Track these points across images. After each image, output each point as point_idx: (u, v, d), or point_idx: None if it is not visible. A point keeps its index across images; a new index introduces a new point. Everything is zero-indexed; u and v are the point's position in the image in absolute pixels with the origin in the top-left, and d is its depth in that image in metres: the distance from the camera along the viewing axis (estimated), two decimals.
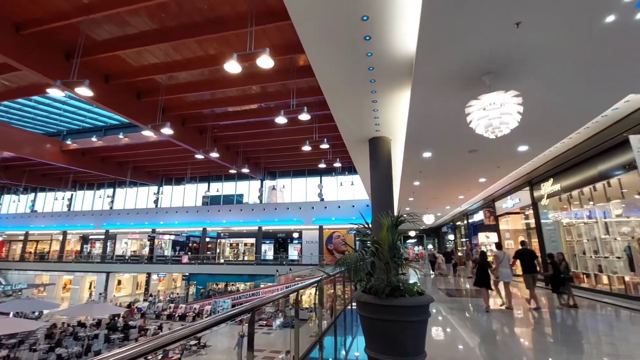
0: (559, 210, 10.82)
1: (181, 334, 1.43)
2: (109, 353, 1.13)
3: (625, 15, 3.92)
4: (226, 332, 13.59)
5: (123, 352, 1.17)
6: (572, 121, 7.05)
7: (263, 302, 2.38)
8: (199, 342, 14.42)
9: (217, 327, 1.73)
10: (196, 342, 14.32)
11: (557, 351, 4.66)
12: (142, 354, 1.19)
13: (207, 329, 1.54)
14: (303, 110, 11.45)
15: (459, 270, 16.21)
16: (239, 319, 2.03)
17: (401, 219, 4.10)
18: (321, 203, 29.23)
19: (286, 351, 4.55)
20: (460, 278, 14.91)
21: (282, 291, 3.03)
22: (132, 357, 1.16)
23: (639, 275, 7.43)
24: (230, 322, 2.40)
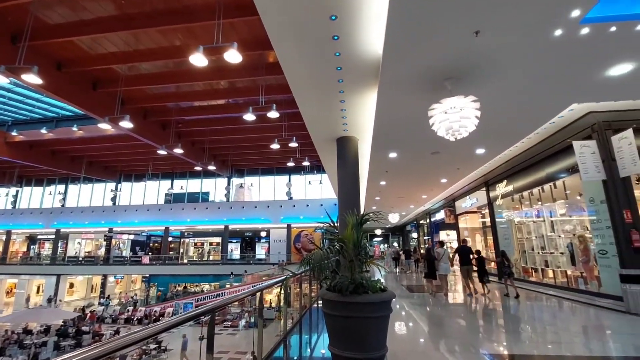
0: (511, 209, 11.60)
1: (132, 338, 1.36)
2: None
3: (571, 30, 4.27)
4: (189, 335, 13.16)
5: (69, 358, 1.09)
6: (523, 127, 7.58)
7: (223, 303, 2.32)
8: (159, 345, 13.84)
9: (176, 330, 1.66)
10: (156, 346, 13.74)
11: (495, 333, 5.01)
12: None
13: (161, 332, 1.48)
14: (272, 107, 11.33)
15: (420, 266, 16.89)
16: (202, 320, 1.98)
17: (366, 218, 4.19)
18: (289, 202, 29.11)
19: (251, 352, 4.48)
20: (422, 274, 15.48)
21: (243, 292, 2.97)
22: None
23: (579, 269, 8.16)
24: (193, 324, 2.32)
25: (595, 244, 7.27)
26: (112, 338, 1.32)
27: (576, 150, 6.87)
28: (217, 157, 24.57)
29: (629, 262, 6.24)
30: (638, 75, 5.30)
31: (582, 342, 4.70)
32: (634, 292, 5.96)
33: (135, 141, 17.66)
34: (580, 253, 8.07)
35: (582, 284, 8.03)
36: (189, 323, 1.82)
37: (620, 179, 6.56)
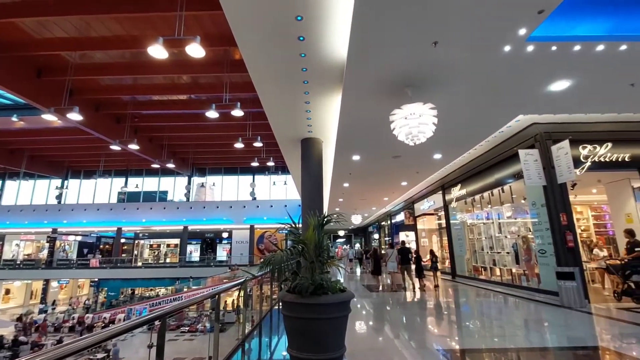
0: (464, 212, 12.32)
1: (67, 349, 1.25)
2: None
3: (518, 47, 4.63)
4: (144, 342, 12.43)
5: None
6: (475, 135, 8.09)
7: (174, 309, 2.21)
8: (108, 355, 12.94)
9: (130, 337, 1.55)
10: (105, 355, 12.83)
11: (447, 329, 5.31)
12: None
13: (103, 341, 1.38)
14: (236, 105, 11.08)
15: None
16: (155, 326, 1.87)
17: (327, 219, 4.22)
18: (253, 202, 28.63)
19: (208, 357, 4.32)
20: (383, 274, 15.91)
21: (197, 296, 2.86)
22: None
23: (522, 267, 8.86)
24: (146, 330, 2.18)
25: (536, 244, 7.94)
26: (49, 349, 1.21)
27: (521, 158, 7.45)
28: (177, 155, 23.53)
29: (564, 260, 6.88)
30: (573, 91, 5.88)
31: (523, 335, 5.10)
32: (567, 288, 6.59)
33: (86, 135, 16.41)
34: (523, 252, 8.77)
35: (525, 281, 8.73)
36: (141, 330, 1.71)
37: (557, 185, 7.22)
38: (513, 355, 4.18)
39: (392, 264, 10.80)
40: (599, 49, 4.73)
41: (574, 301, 6.48)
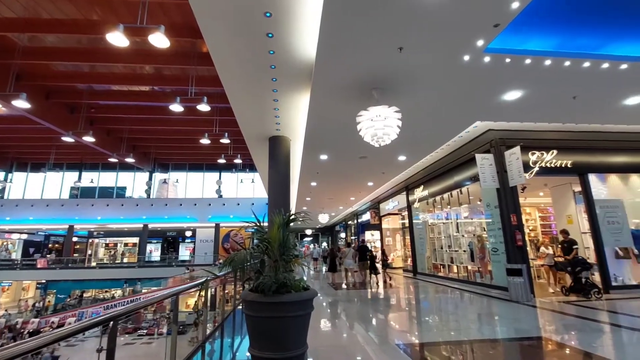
0: (426, 212, 12.85)
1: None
2: None
3: (476, 57, 4.91)
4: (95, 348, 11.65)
5: None
6: (437, 139, 8.48)
7: (127, 310, 2.11)
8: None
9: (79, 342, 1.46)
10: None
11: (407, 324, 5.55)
12: None
13: (41, 347, 1.29)
14: (202, 100, 10.74)
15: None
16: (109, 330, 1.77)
17: (293, 218, 4.23)
18: (219, 200, 27.89)
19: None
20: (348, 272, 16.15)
21: (152, 297, 2.75)
22: None
23: (477, 265, 9.42)
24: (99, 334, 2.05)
25: (490, 243, 8.47)
26: None
27: (478, 162, 7.91)
28: (137, 149, 22.33)
29: (513, 258, 7.41)
30: (524, 101, 6.34)
31: (476, 328, 5.42)
32: (515, 283, 7.10)
33: (34, 125, 15.10)
34: (478, 251, 9.33)
35: (479, 278, 9.29)
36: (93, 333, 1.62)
37: (509, 188, 7.75)
38: (467, 347, 4.44)
39: (348, 261, 11.67)
40: (546, 64, 5.14)
41: (521, 296, 7.00)
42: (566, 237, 7.83)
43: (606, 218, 7.90)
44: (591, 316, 5.76)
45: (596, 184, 8.36)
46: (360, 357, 4.06)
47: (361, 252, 11.65)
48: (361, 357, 4.05)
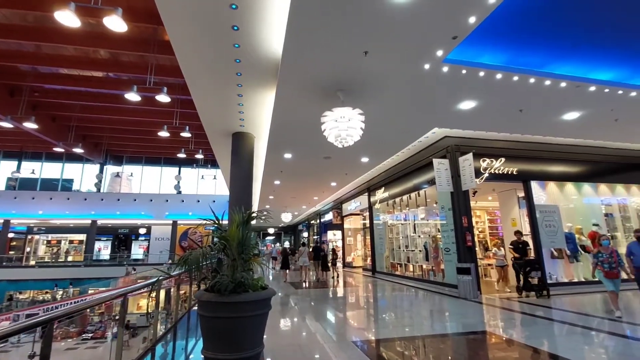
0: (386, 213, 13.28)
1: None
2: None
3: (435, 66, 5.16)
4: None
5: None
6: (398, 142, 8.79)
7: (65, 313, 1.95)
8: None
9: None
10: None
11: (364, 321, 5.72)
12: None
13: None
14: (162, 90, 10.21)
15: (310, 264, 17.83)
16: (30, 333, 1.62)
17: (253, 216, 4.16)
18: (177, 196, 26.72)
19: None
20: (310, 271, 16.23)
21: (95, 298, 2.57)
22: None
23: (431, 264, 9.90)
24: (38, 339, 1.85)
25: (443, 243, 8.95)
26: None
27: (435, 166, 8.32)
28: (88, 139, 20.74)
29: (463, 257, 7.89)
30: (477, 111, 6.78)
31: (428, 324, 5.70)
32: (464, 281, 7.56)
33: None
34: (433, 250, 9.82)
35: (432, 276, 9.77)
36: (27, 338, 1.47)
37: (462, 191, 8.24)
38: (419, 343, 4.65)
39: (303, 259, 12.69)
40: (497, 77, 5.53)
41: (469, 293, 7.47)
42: (520, 239, 8.24)
43: (544, 222, 8.67)
44: (528, 311, 6.30)
45: (537, 190, 9.15)
46: (317, 355, 4.09)
47: (315, 251, 13.07)
48: (318, 355, 4.08)
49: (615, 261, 5.72)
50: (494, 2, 3.85)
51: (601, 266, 5.81)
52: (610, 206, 10.22)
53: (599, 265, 5.85)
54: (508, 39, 5.14)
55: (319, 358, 3.99)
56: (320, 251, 13.08)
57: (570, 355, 3.88)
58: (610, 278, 5.70)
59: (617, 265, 5.72)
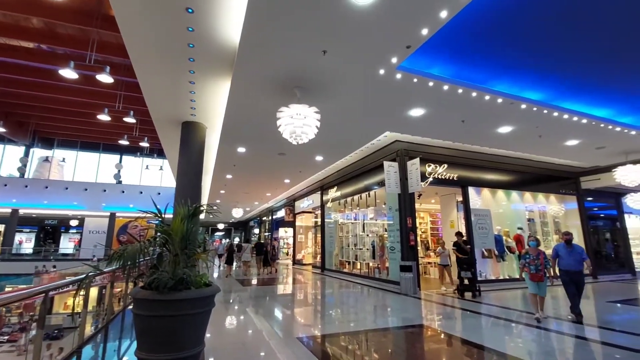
0: (337, 212, 13.56)
1: None
2: None
3: (390, 72, 5.37)
4: None
5: None
6: (352, 143, 9.01)
7: None
8: None
9: None
10: None
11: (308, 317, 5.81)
12: None
13: None
14: (104, 69, 9.34)
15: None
16: None
17: (200, 209, 3.99)
18: (117, 186, 24.70)
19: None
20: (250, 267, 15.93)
21: (9, 295, 2.29)
22: None
23: (377, 262, 10.33)
24: None
25: (389, 242, 9.38)
26: None
27: (385, 168, 8.68)
28: (11, 117, 18.30)
29: (406, 255, 8.35)
30: (425, 119, 7.19)
31: (371, 319, 5.94)
32: (406, 278, 8.01)
33: None
34: (379, 249, 10.24)
35: (378, 274, 10.20)
36: None
37: (408, 194, 8.70)
38: (362, 337, 4.82)
39: (246, 254, 13.79)
40: (445, 88, 5.92)
41: (410, 289, 7.92)
42: (460, 239, 8.43)
43: (478, 224, 9.49)
44: (459, 305, 6.86)
45: (473, 195, 9.99)
46: (262, 353, 4.05)
47: (258, 248, 14.00)
48: (263, 353, 4.05)
49: (541, 263, 5.61)
50: (444, 17, 4.10)
51: (527, 268, 5.72)
52: (532, 212, 11.51)
53: (526, 267, 5.76)
54: (456, 54, 5.52)
55: (264, 355, 3.95)
56: (263, 247, 13.87)
57: (493, 345, 4.30)
58: (535, 281, 5.61)
59: (543, 268, 5.61)
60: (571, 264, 5.77)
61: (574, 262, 5.76)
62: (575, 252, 5.81)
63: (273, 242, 15.47)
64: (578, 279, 5.72)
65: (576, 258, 5.77)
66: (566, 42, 5.11)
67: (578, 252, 5.81)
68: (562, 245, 6.00)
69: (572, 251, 5.82)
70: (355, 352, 4.23)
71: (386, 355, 4.08)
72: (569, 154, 9.97)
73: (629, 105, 7.27)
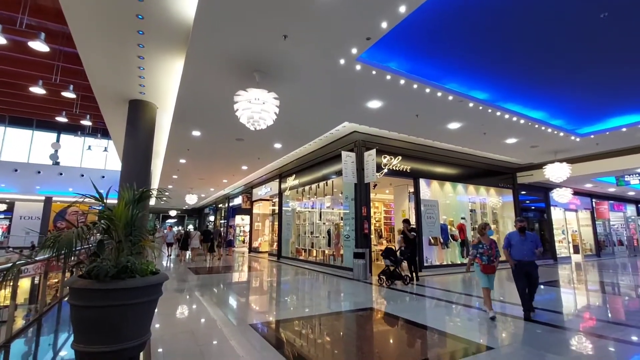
0: (295, 200, 13.61)
1: None
2: None
3: (350, 63, 5.42)
4: None
5: None
6: (311, 131, 9.03)
7: None
8: None
9: None
10: None
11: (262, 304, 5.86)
12: None
13: None
14: (39, 36, 8.30)
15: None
16: None
17: (147, 194, 3.79)
18: (54, 168, 22.40)
19: None
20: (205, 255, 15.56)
21: None
22: None
23: (332, 249, 10.59)
24: None
25: (344, 230, 9.64)
26: None
27: (343, 158, 8.84)
28: None
29: (360, 243, 8.65)
30: (382, 111, 7.41)
31: (325, 304, 6.11)
32: (358, 265, 8.32)
33: None
34: (335, 237, 10.49)
35: (333, 261, 10.47)
36: None
37: (364, 183, 8.97)
38: (315, 321, 4.95)
39: (195, 241, 14.30)
40: (401, 82, 6.12)
41: (362, 275, 8.26)
42: (406, 227, 8.30)
43: (426, 214, 10.09)
44: (407, 290, 7.30)
45: (424, 187, 10.58)
46: (214, 341, 4.00)
47: (205, 235, 14.63)
48: (215, 341, 4.00)
49: (493, 254, 5.07)
50: (403, 12, 4.22)
51: (479, 258, 5.13)
52: (474, 203, 12.48)
53: (477, 258, 5.17)
54: (413, 49, 5.71)
55: (216, 343, 3.91)
56: (210, 234, 14.71)
57: (436, 325, 4.67)
58: (487, 273, 5.08)
59: (495, 258, 5.08)
60: (524, 254, 5.15)
61: (528, 252, 5.15)
62: (528, 240, 5.21)
63: (224, 230, 16.22)
64: (531, 270, 5.13)
65: (530, 247, 5.16)
66: (510, 48, 5.53)
67: (531, 240, 5.22)
68: (514, 233, 5.37)
69: (525, 240, 5.23)
70: (309, 335, 4.35)
71: (338, 338, 4.25)
72: (508, 151, 10.90)
73: (560, 109, 8.10)
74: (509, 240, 5.39)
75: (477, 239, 5.43)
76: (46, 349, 3.90)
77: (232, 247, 19.52)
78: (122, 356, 2.99)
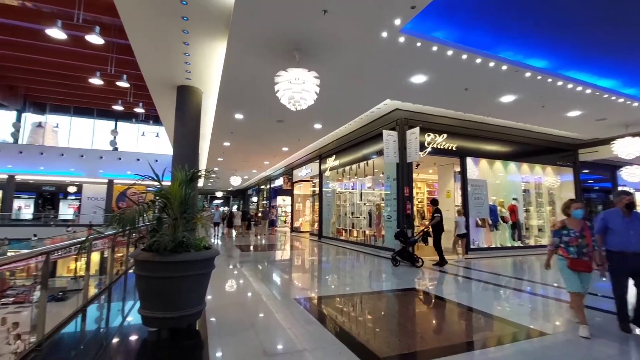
0: (335, 181, 13.62)
1: None
2: None
3: (393, 35, 5.15)
4: None
5: None
6: (352, 110, 8.84)
7: None
8: None
9: None
10: None
11: (305, 280, 6.02)
12: None
13: None
14: (94, 30, 8.93)
15: (258, 228, 17.91)
16: None
17: (198, 174, 4.00)
18: (114, 153, 24.49)
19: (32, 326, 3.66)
20: (257, 235, 16.39)
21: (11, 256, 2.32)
22: None
23: (373, 230, 10.53)
24: None
25: (385, 211, 9.50)
26: None
27: (384, 137, 8.60)
28: (0, 80, 17.70)
29: (402, 224, 8.49)
30: (427, 86, 7.02)
31: (366, 283, 6.15)
32: (399, 245, 8.20)
33: None
34: (376, 217, 10.40)
35: (374, 241, 10.44)
36: None
37: (407, 163, 8.69)
38: (357, 299, 5.02)
39: (237, 220, 17.74)
40: (448, 54, 5.72)
41: None
42: (433, 207, 7.97)
43: (474, 194, 9.58)
44: (452, 272, 7.09)
45: (471, 166, 10.00)
46: (261, 313, 4.22)
47: (243, 214, 17.94)
48: (262, 313, 4.21)
49: (588, 244, 3.53)
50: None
51: (565, 250, 3.62)
52: (528, 183, 11.59)
53: (562, 249, 3.67)
54: (462, 16, 5.27)
55: (262, 315, 4.12)
56: (247, 214, 18.34)
57: (482, 307, 4.50)
58: (579, 270, 3.53)
59: (592, 251, 3.55)
60: (631, 242, 3.49)
61: (637, 239, 3.48)
62: (636, 222, 3.55)
63: (266, 209, 19.83)
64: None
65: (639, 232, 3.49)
66: (574, 8, 4.88)
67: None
68: (614, 212, 3.72)
69: (631, 221, 3.57)
70: (350, 313, 4.42)
71: (379, 316, 4.27)
72: (570, 126, 9.87)
73: (634, 76, 7.10)
74: (605, 224, 3.72)
75: (559, 222, 3.91)
76: (116, 314, 4.36)
77: (275, 227, 20.18)
78: (181, 322, 3.26)
